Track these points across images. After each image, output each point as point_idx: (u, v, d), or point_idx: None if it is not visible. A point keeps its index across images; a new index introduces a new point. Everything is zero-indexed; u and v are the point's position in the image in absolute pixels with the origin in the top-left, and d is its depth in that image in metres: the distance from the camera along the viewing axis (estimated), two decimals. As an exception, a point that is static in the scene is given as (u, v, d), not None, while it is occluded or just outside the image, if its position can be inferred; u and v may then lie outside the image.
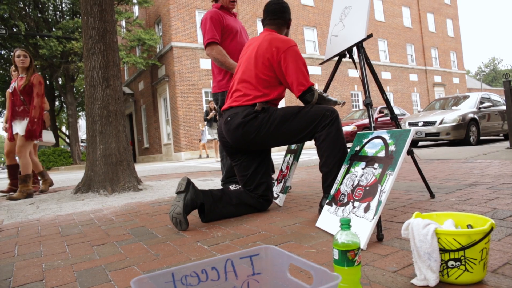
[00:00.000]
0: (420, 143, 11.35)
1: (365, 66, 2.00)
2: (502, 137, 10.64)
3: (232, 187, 2.85)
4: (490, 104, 9.48)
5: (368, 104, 1.85)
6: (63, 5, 19.23)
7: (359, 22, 2.11)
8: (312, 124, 2.00)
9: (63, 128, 31.28)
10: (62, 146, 30.20)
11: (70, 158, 19.41)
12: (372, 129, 1.77)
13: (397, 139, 1.53)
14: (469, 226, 1.07)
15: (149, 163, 17.00)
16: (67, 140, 25.57)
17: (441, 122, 8.51)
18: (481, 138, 9.06)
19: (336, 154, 1.94)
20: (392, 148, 1.52)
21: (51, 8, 18.97)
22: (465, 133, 8.40)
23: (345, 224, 0.97)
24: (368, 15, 2.06)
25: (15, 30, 16.97)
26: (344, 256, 0.94)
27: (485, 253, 0.97)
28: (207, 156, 15.30)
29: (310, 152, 11.37)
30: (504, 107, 9.37)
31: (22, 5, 17.43)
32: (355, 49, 2.17)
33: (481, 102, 9.34)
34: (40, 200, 3.56)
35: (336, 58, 2.37)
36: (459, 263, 0.96)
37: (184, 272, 0.75)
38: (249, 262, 0.82)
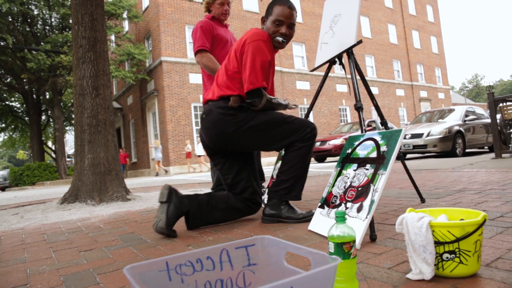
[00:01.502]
0: (408, 156, 11.48)
1: (355, 72, 2.03)
2: (487, 150, 10.84)
3: None
4: (475, 117, 9.69)
5: (359, 108, 1.87)
6: (52, 19, 19.20)
7: (349, 29, 2.15)
8: (293, 135, 1.97)
9: (49, 143, 30.76)
10: (48, 161, 29.64)
11: (56, 172, 19.03)
12: (363, 131, 1.79)
13: (388, 140, 1.54)
14: (462, 220, 1.08)
15: (137, 178, 16.79)
16: (53, 155, 25.13)
17: (428, 135, 8.64)
18: (467, 150, 9.22)
19: (299, 168, 1.95)
20: (383, 148, 1.53)
21: (40, 22, 18.92)
22: (452, 145, 8.54)
23: (341, 217, 0.96)
24: (358, 22, 2.10)
25: (2, 43, 16.82)
26: (340, 248, 0.93)
27: (479, 245, 0.97)
28: (157, 174, 15.58)
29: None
30: (488, 120, 9.58)
31: (10, 19, 17.33)
32: (345, 57, 2.21)
33: (466, 115, 9.54)
34: (24, 210, 3.47)
35: (326, 66, 2.40)
36: (453, 255, 0.96)
37: (179, 261, 0.73)
38: (245, 252, 0.80)
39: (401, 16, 29.06)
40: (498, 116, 6.08)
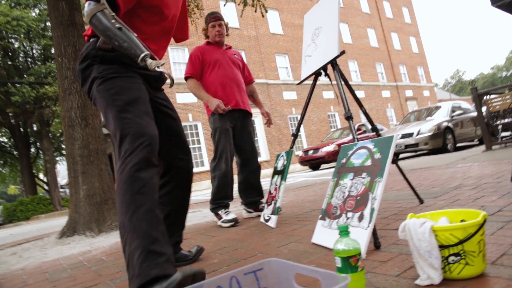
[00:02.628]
0: (401, 155, 11.57)
1: (341, 82, 2.07)
2: (477, 142, 10.99)
3: (222, 212, 2.79)
4: (462, 111, 9.84)
5: (349, 117, 1.89)
6: (34, 51, 19.16)
7: (331, 40, 2.20)
8: (115, 140, 1.32)
9: (41, 175, 30.36)
10: (41, 194, 29.19)
11: (50, 205, 18.73)
12: (356, 140, 1.81)
13: (381, 147, 1.56)
14: (463, 221, 1.09)
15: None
16: (46, 187, 24.77)
17: (418, 133, 8.74)
18: (457, 145, 9.33)
19: (122, 221, 1.16)
20: (377, 156, 1.56)
21: (21, 54, 18.86)
22: (442, 142, 8.64)
23: (344, 231, 0.97)
24: (339, 33, 2.14)
25: (-15, 80, 16.70)
26: (347, 262, 0.93)
27: (483, 244, 0.99)
28: None
29: (294, 175, 11.41)
30: (474, 114, 9.75)
31: (-9, 54, 17.26)
32: (329, 67, 2.24)
33: (453, 111, 9.69)
34: (22, 249, 3.41)
35: (312, 78, 2.43)
36: (459, 257, 0.97)
37: (190, 293, 0.73)
38: (254, 278, 0.81)
39: (379, 20, 29.65)
40: (484, 109, 6.20)
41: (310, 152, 12.46)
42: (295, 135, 2.47)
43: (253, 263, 0.84)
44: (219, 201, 2.83)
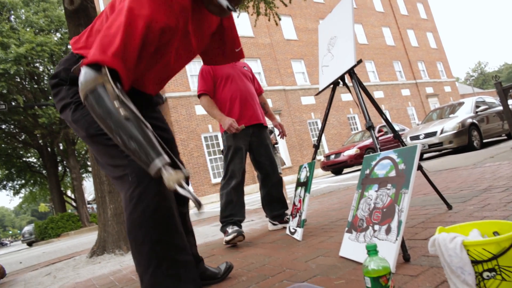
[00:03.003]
0: (425, 155, 11.31)
1: (360, 91, 2.06)
2: (505, 137, 10.63)
3: (229, 228, 2.65)
4: (486, 106, 9.55)
5: (370, 127, 1.88)
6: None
7: (347, 50, 2.19)
8: (116, 169, 1.16)
9: (69, 192, 31.32)
10: (69, 210, 30.08)
11: (79, 221, 19.27)
12: (378, 150, 1.79)
13: (405, 157, 1.54)
14: (496, 233, 1.06)
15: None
16: (74, 204, 25.51)
17: (441, 132, 8.53)
18: (484, 141, 9.05)
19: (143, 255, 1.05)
20: (401, 166, 1.54)
21: (46, 77, 19.61)
22: (468, 139, 8.39)
23: (372, 250, 0.96)
24: (355, 42, 2.14)
25: (13, 103, 17.45)
26: (377, 283, 0.93)
27: (518, 259, 0.96)
28: None
29: (317, 181, 11.32)
30: (500, 108, 9.44)
31: (19, 79, 18.02)
32: (347, 76, 2.24)
33: (477, 106, 9.41)
34: (56, 269, 3.51)
35: (331, 87, 2.43)
36: (494, 273, 0.94)
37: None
38: (285, 303, 0.81)
39: (393, 18, 29.26)
40: (510, 101, 5.98)
41: (332, 156, 12.35)
42: (317, 146, 2.46)
43: (283, 288, 0.84)
44: (227, 218, 2.71)
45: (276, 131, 8.06)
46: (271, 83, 20.35)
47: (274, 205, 2.99)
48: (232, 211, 2.71)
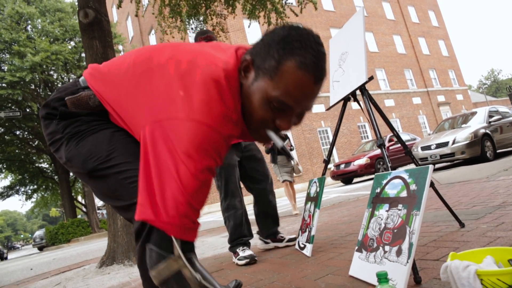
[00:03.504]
0: (437, 166, 11.17)
1: (371, 108, 2.05)
2: (520, 148, 10.45)
3: (240, 250, 2.57)
4: (500, 116, 9.42)
5: (381, 145, 1.87)
6: (71, 81, 20.27)
7: (358, 66, 2.19)
8: (119, 201, 1.05)
9: (79, 198, 31.71)
10: (80, 216, 30.42)
11: (89, 227, 19.45)
12: (389, 169, 1.78)
13: (416, 178, 1.53)
14: (511, 261, 1.04)
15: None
16: (84, 209, 25.81)
17: (453, 142, 8.43)
18: (498, 151, 8.91)
19: None
20: (413, 187, 1.52)
21: (59, 85, 19.98)
22: (481, 149, 8.27)
23: (383, 279, 0.95)
24: (366, 58, 2.13)
25: (28, 110, 17.81)
26: (388, 312, 0.91)
27: (533, 290, 0.94)
28: None
29: (327, 191, 11.24)
30: (514, 118, 9.31)
31: (33, 87, 18.41)
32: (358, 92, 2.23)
33: (490, 116, 9.29)
34: (65, 279, 3.54)
35: (342, 102, 2.42)
36: (508, 305, 0.92)
37: None
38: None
39: (404, 26, 29.15)
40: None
41: (342, 166, 12.28)
42: (327, 162, 2.46)
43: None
44: (238, 240, 2.64)
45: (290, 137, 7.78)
46: (281, 91, 20.34)
47: (269, 222, 2.83)
48: (242, 233, 2.63)
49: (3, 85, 16.54)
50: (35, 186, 27.35)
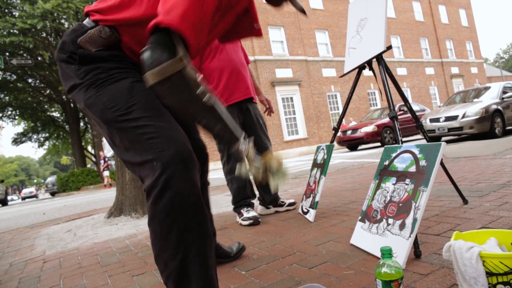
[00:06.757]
0: (443, 139, 11.10)
1: (387, 78, 2.00)
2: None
3: (244, 210, 2.64)
4: (514, 93, 9.21)
5: (393, 117, 1.84)
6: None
7: (377, 34, 2.12)
8: (136, 155, 1.01)
9: (89, 148, 32.33)
10: (89, 165, 31.10)
11: (98, 177, 20.02)
12: (400, 142, 1.77)
13: (427, 154, 1.52)
14: (513, 244, 1.06)
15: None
16: (94, 159, 26.38)
17: (463, 116, 8.31)
18: (507, 128, 8.79)
19: (167, 256, 0.97)
20: (423, 163, 1.52)
21: (71, 34, 19.68)
22: (490, 126, 8.17)
23: (387, 254, 0.97)
24: (386, 26, 2.06)
25: (40, 59, 17.72)
26: (388, 286, 0.94)
27: (534, 274, 0.96)
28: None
29: (332, 156, 11.26)
30: (529, 95, 9.09)
31: (44, 35, 18.18)
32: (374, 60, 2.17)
33: (504, 92, 9.08)
34: (76, 226, 3.68)
35: (356, 70, 2.37)
36: (508, 286, 0.95)
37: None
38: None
39: (426, -9, 27.87)
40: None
41: (349, 132, 12.24)
42: (336, 129, 2.44)
43: None
44: (242, 201, 2.68)
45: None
46: (293, 52, 19.95)
47: (269, 189, 2.81)
48: (245, 195, 2.67)
49: (15, 31, 16.34)
50: (47, 134, 27.86)
